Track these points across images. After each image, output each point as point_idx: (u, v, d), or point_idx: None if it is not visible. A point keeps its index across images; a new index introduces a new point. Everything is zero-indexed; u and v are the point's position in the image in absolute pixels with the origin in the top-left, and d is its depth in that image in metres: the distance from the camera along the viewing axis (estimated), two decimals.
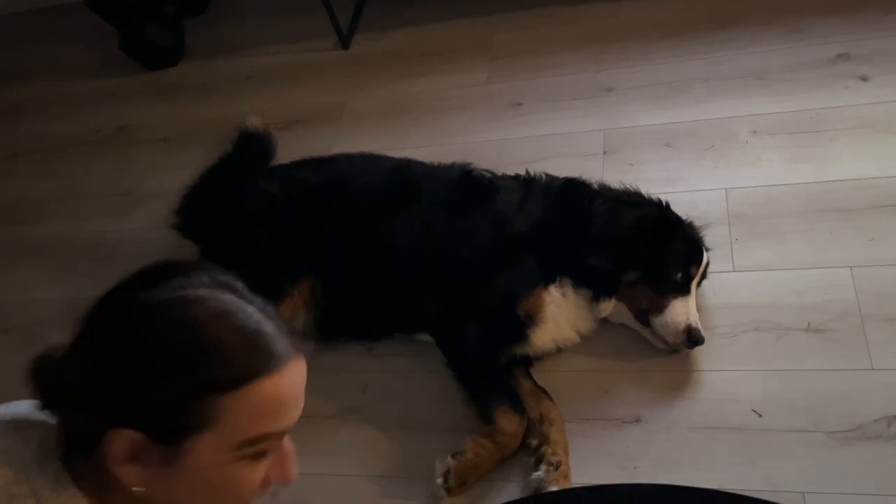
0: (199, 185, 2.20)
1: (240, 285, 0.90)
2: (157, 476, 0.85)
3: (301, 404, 0.91)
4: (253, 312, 0.86)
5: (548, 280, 1.74)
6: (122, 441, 0.82)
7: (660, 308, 1.67)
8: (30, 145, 2.84)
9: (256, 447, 0.86)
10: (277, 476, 0.91)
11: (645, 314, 1.70)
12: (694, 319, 1.66)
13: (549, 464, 1.54)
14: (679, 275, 1.68)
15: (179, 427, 0.82)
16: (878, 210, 1.83)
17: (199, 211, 2.12)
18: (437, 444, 1.63)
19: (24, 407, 0.96)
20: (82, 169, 2.67)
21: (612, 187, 1.85)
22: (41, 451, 0.88)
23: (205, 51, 2.99)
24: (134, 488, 0.84)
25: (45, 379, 0.89)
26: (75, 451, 0.88)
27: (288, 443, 0.92)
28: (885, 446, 1.47)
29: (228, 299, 0.86)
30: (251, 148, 2.30)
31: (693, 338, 1.64)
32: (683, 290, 1.68)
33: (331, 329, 1.90)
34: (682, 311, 1.66)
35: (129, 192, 2.51)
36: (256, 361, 0.84)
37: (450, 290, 1.77)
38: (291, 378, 0.87)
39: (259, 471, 0.88)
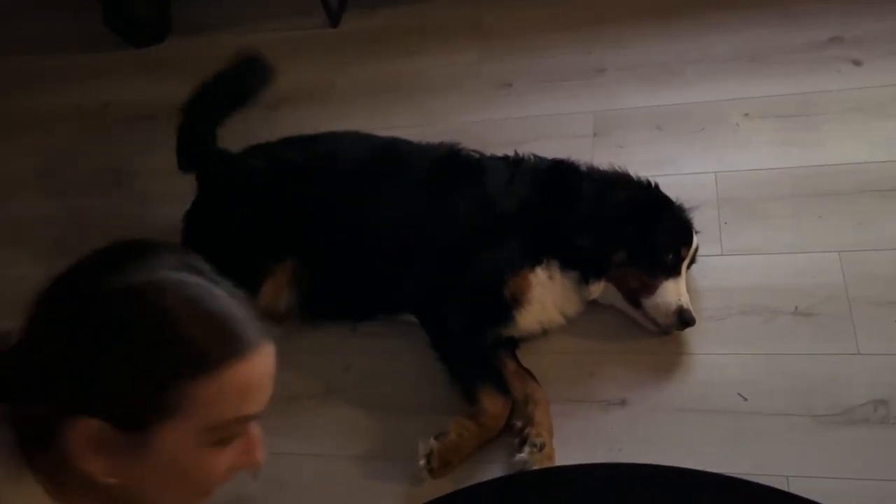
0: (195, 97, 2.12)
1: (207, 268, 0.87)
2: (124, 465, 0.82)
3: (269, 390, 0.89)
4: (221, 296, 0.84)
5: (534, 261, 1.72)
6: (83, 430, 0.79)
7: (650, 289, 1.66)
8: (12, 121, 2.78)
9: (224, 432, 0.85)
10: (244, 462, 0.89)
11: (635, 296, 1.69)
12: (685, 300, 1.65)
13: (533, 445, 1.53)
14: (669, 256, 1.66)
15: (146, 414, 0.80)
16: (868, 194, 1.82)
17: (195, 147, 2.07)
18: (421, 425, 1.62)
19: None
20: (65, 145, 2.63)
21: (601, 169, 1.83)
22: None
23: (191, 27, 2.95)
24: (103, 480, 0.82)
25: None
26: (30, 443, 0.84)
27: (255, 428, 0.90)
28: (870, 430, 1.46)
29: (196, 283, 0.83)
30: (248, 71, 2.20)
31: (684, 318, 1.63)
32: (674, 272, 1.67)
33: (314, 308, 1.88)
34: (672, 292, 1.65)
35: (112, 169, 2.47)
36: (225, 347, 0.82)
37: (435, 270, 1.75)
38: (259, 364, 0.85)
39: (226, 456, 0.87)
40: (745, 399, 1.56)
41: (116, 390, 0.79)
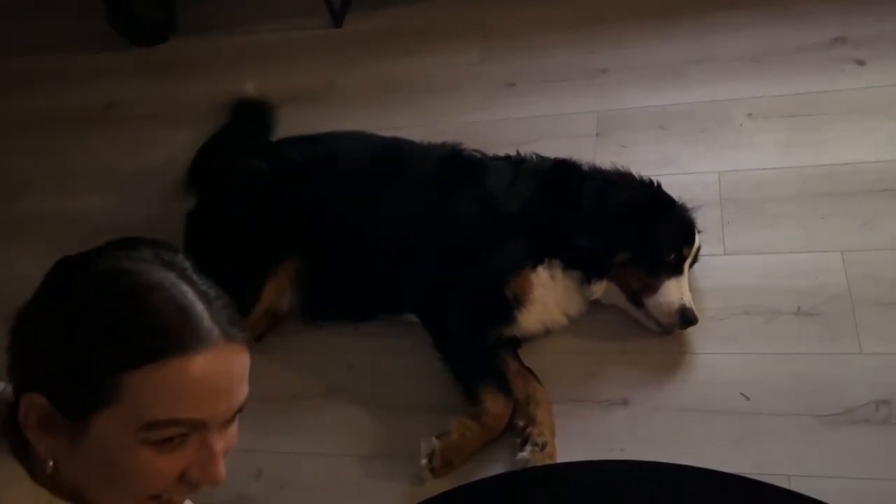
0: (201, 155, 2.18)
1: (186, 265, 0.86)
2: (65, 449, 0.81)
3: (231, 399, 0.84)
4: (186, 292, 0.82)
5: (536, 261, 1.72)
6: (31, 405, 0.80)
7: (653, 289, 1.65)
8: (16, 120, 2.79)
9: (163, 432, 0.80)
10: (198, 475, 0.84)
11: (638, 295, 1.68)
12: (687, 299, 1.65)
13: (535, 444, 1.52)
14: (671, 255, 1.66)
15: (83, 400, 0.79)
16: (872, 195, 1.81)
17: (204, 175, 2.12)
18: (423, 424, 1.62)
19: None
20: (69, 145, 2.63)
21: (603, 168, 1.83)
22: None
23: (195, 27, 2.95)
24: (46, 457, 0.82)
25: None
26: (11, 417, 0.85)
27: (216, 442, 0.85)
28: (872, 430, 1.46)
29: (163, 275, 0.82)
30: (250, 117, 2.24)
31: (687, 317, 1.63)
32: (676, 271, 1.66)
33: (316, 308, 1.88)
34: (675, 292, 1.64)
35: (115, 169, 2.47)
36: (168, 340, 0.79)
37: (437, 270, 1.75)
38: (213, 365, 0.80)
39: (171, 462, 0.82)
40: (748, 399, 1.55)
41: (60, 371, 0.80)
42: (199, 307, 0.82)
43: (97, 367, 0.78)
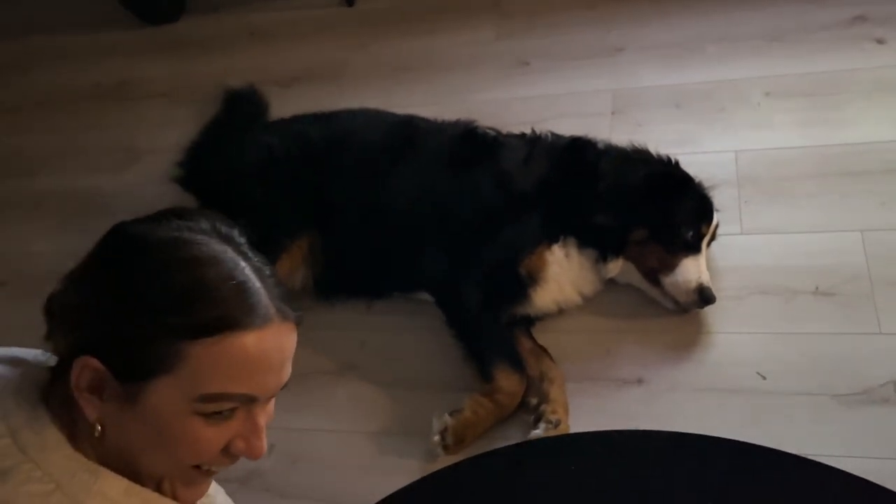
0: (199, 139, 2.17)
1: (242, 240, 0.87)
2: (114, 414, 0.82)
3: (280, 375, 0.85)
4: (244, 267, 0.82)
5: (551, 239, 1.71)
6: (85, 368, 0.80)
7: (670, 267, 1.64)
8: (30, 99, 2.79)
9: (216, 405, 0.81)
10: (242, 447, 0.85)
11: (655, 273, 1.67)
12: (705, 278, 1.63)
13: (549, 422, 1.52)
14: (689, 233, 1.64)
15: (142, 366, 0.79)
16: (891, 174, 1.79)
17: (200, 166, 2.10)
18: (436, 401, 1.61)
19: (25, 352, 0.93)
20: (82, 123, 2.63)
21: (619, 146, 1.81)
22: (19, 389, 0.86)
23: (206, 6, 2.94)
24: (93, 420, 0.82)
25: (49, 306, 0.87)
26: (56, 380, 0.86)
27: (261, 416, 0.86)
28: (891, 410, 1.44)
29: (221, 249, 0.83)
30: (241, 107, 2.25)
31: (705, 296, 1.61)
32: (694, 249, 1.65)
33: (330, 286, 1.87)
34: (693, 270, 1.63)
35: (128, 147, 2.47)
36: (231, 314, 0.79)
37: (450, 247, 1.74)
38: (268, 342, 0.81)
39: (219, 433, 0.83)
40: (764, 378, 1.54)
41: (120, 336, 0.79)
42: (257, 284, 0.82)
43: (157, 334, 0.78)
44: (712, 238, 1.72)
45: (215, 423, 0.82)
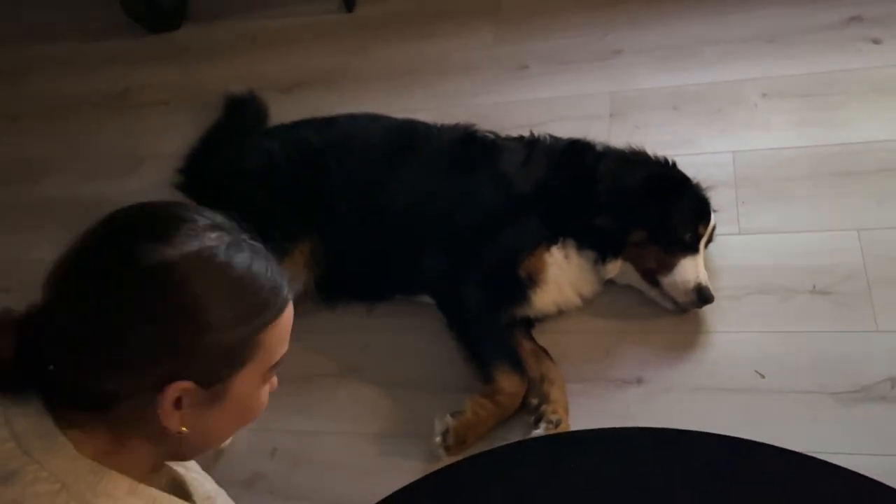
0: (200, 145, 2.19)
1: (236, 225, 0.92)
2: (198, 415, 0.88)
3: None
4: (261, 251, 0.91)
5: (550, 241, 1.72)
6: (172, 394, 0.84)
7: (669, 267, 1.65)
8: (33, 106, 2.81)
9: (275, 369, 0.94)
10: (271, 388, 0.98)
11: (653, 274, 1.68)
12: (703, 277, 1.64)
13: (549, 422, 1.53)
14: (687, 234, 1.66)
15: (230, 368, 0.88)
16: (888, 173, 1.80)
17: (201, 171, 2.11)
18: (437, 403, 1.62)
19: None
20: (84, 130, 2.65)
21: (617, 148, 1.82)
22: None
23: (208, 13, 2.96)
24: (175, 431, 0.87)
25: (31, 342, 0.86)
26: (78, 408, 0.86)
27: None
28: (888, 408, 1.45)
29: (234, 240, 0.88)
30: (242, 113, 2.27)
31: (703, 295, 1.62)
32: (692, 249, 1.66)
33: (331, 289, 1.88)
34: (691, 270, 1.64)
35: (130, 154, 2.49)
36: (285, 294, 0.91)
37: (451, 250, 1.75)
38: (291, 310, 0.94)
39: (267, 386, 0.96)
40: (763, 377, 1.55)
41: (205, 354, 0.85)
42: (275, 264, 0.92)
43: (243, 339, 0.87)
44: (710, 239, 1.73)
45: (266, 381, 0.95)
